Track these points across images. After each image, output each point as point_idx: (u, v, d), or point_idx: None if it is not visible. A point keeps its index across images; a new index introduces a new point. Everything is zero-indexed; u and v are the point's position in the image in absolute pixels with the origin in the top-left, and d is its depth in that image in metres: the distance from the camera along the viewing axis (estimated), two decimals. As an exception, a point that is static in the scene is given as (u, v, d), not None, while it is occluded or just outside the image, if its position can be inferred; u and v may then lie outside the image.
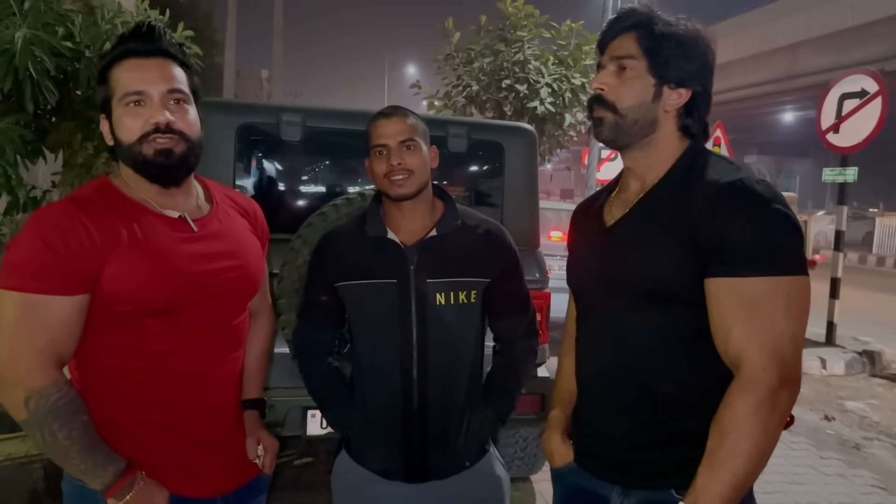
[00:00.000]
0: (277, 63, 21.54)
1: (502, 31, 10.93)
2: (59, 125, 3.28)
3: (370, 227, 1.79)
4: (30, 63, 2.67)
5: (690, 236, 1.30)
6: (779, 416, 1.22)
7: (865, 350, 7.20)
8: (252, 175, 3.41)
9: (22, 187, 3.17)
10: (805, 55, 23.65)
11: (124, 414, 1.43)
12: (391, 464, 1.80)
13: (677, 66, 1.39)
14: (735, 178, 1.29)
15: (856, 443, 4.91)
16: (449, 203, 1.85)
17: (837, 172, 7.39)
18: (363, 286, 1.77)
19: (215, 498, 1.55)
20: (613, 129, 1.42)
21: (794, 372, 1.24)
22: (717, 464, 1.22)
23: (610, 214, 1.52)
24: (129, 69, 1.40)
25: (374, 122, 1.76)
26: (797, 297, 1.24)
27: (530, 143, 3.38)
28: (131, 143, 1.40)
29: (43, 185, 3.60)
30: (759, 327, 1.23)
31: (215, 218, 1.57)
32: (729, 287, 1.26)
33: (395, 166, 1.69)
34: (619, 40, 1.43)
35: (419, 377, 1.75)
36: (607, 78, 1.42)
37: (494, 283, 1.82)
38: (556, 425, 1.65)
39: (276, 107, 3.21)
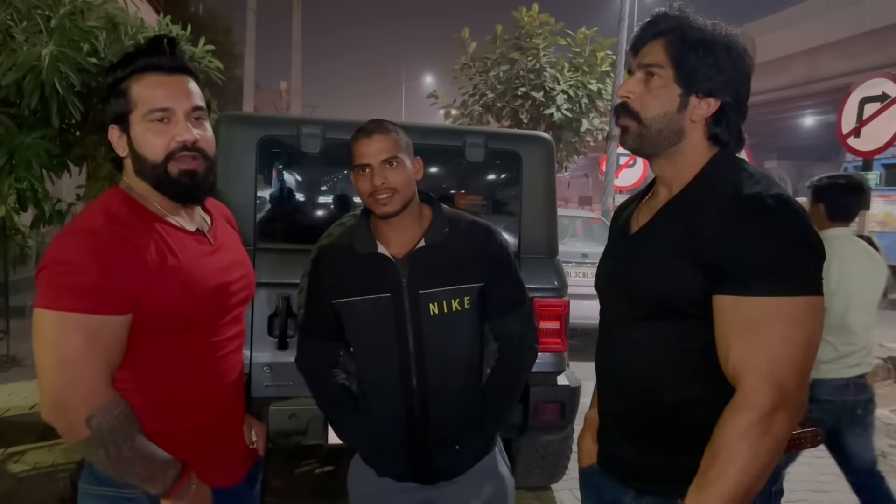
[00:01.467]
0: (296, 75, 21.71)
1: (518, 39, 10.97)
2: (83, 139, 3.34)
3: (360, 244, 1.79)
4: (56, 79, 2.73)
5: (699, 251, 1.28)
6: (773, 439, 1.19)
7: (891, 356, 7.09)
8: (273, 187, 3.45)
9: (48, 200, 3.24)
10: (824, 59, 23.44)
11: (161, 423, 1.44)
12: (400, 469, 1.84)
13: (706, 76, 1.34)
14: (751, 192, 1.25)
15: (882, 451, 4.83)
16: (436, 209, 1.84)
17: (859, 177, 7.31)
18: (359, 302, 1.78)
19: (237, 486, 1.63)
20: (637, 138, 1.40)
21: (793, 395, 1.20)
22: (706, 483, 1.22)
23: (636, 221, 1.51)
24: (153, 85, 1.40)
25: (355, 139, 1.75)
26: (802, 320, 1.21)
27: (547, 151, 3.38)
28: (157, 161, 1.40)
29: (68, 197, 3.66)
30: (757, 348, 1.21)
31: (219, 230, 1.62)
32: (731, 305, 1.24)
33: (378, 186, 1.69)
34: (648, 46, 1.40)
35: (419, 386, 1.77)
36: (634, 86, 1.40)
37: (488, 285, 1.82)
38: (588, 426, 1.67)
39: (296, 119, 3.25)
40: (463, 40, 11.45)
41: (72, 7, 2.92)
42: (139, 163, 1.42)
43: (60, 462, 3.42)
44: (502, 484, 1.93)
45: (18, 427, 3.89)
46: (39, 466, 3.37)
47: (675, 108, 1.37)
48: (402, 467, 1.83)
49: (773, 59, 25.72)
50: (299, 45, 21.20)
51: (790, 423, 1.21)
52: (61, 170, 3.23)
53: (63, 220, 3.44)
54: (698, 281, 1.28)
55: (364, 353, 1.84)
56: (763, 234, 1.21)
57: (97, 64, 2.93)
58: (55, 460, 3.44)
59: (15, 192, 3.00)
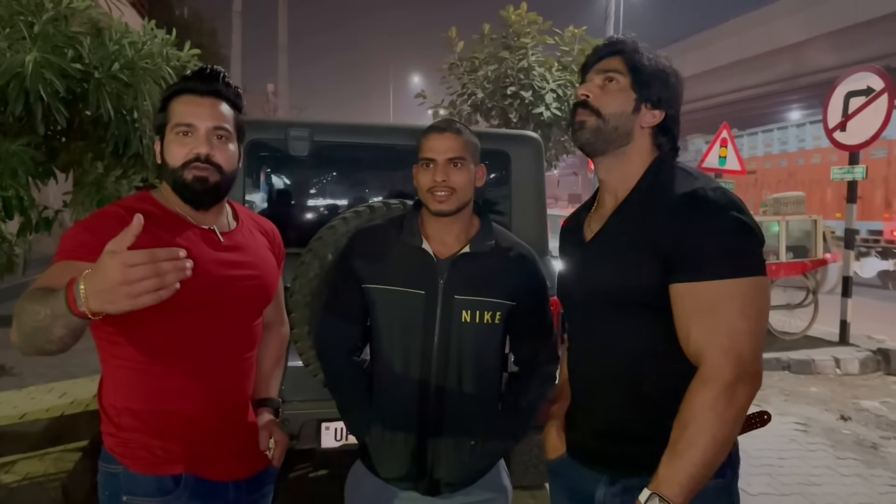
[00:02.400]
0: (283, 77, 21.68)
1: (506, 38, 10.96)
2: (69, 145, 3.31)
3: (407, 235, 1.81)
4: (40, 85, 2.70)
5: (655, 247, 1.40)
6: (736, 409, 1.31)
7: (880, 348, 7.15)
8: (261, 190, 3.44)
9: (34, 208, 3.21)
10: (809, 54, 23.61)
11: (145, 403, 1.57)
12: (404, 473, 1.81)
13: (656, 89, 1.53)
14: (691, 188, 1.40)
15: (873, 442, 4.88)
16: (485, 221, 1.87)
17: (846, 171, 7.36)
18: (391, 293, 1.78)
19: (228, 483, 1.67)
20: (594, 132, 1.52)
21: (751, 367, 1.33)
22: (677, 454, 1.32)
23: (589, 229, 1.62)
24: (184, 104, 1.61)
25: (426, 134, 1.79)
26: (753, 298, 1.33)
27: (536, 151, 3.39)
28: (175, 167, 1.59)
29: (55, 205, 3.63)
30: (717, 327, 1.33)
31: (239, 233, 1.76)
32: (688, 291, 1.36)
33: (438, 182, 1.72)
34: (606, 61, 1.56)
35: (436, 390, 1.76)
36: (593, 88, 1.55)
37: (519, 307, 1.82)
38: (554, 421, 1.75)
39: (283, 122, 3.24)
40: (450, 39, 11.43)
41: (55, 13, 2.88)
42: (164, 167, 1.63)
43: (51, 472, 3.39)
44: (504, 496, 1.93)
45: (9, 437, 3.86)
46: (30, 476, 3.34)
47: (630, 110, 1.52)
48: (407, 472, 1.81)
49: (758, 55, 25.91)
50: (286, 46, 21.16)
51: (750, 393, 1.33)
52: (47, 177, 3.20)
53: (50, 228, 3.41)
54: (657, 274, 1.40)
55: (386, 348, 1.82)
56: (710, 224, 1.35)
57: (82, 70, 2.91)
58: (46, 470, 3.41)
59: (0, 200, 2.97)
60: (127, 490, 1.56)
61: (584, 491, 1.60)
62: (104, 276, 1.11)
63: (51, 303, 1.21)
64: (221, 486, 1.66)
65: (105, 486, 1.60)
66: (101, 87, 2.99)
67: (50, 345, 1.27)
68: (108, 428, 1.60)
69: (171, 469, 1.58)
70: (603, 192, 1.62)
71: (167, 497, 1.56)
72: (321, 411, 2.87)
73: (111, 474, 1.58)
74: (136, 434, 1.57)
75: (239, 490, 1.70)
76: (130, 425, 1.57)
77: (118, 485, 1.57)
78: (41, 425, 4.06)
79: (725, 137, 8.30)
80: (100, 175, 3.47)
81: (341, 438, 2.96)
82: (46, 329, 1.23)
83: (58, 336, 1.24)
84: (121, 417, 1.57)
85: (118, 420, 1.58)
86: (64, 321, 1.20)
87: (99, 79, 2.99)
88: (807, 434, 5.01)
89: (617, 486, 1.53)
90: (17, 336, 1.31)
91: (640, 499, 1.35)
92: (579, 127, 1.54)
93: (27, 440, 3.79)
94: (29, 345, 1.29)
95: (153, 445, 1.57)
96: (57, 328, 1.22)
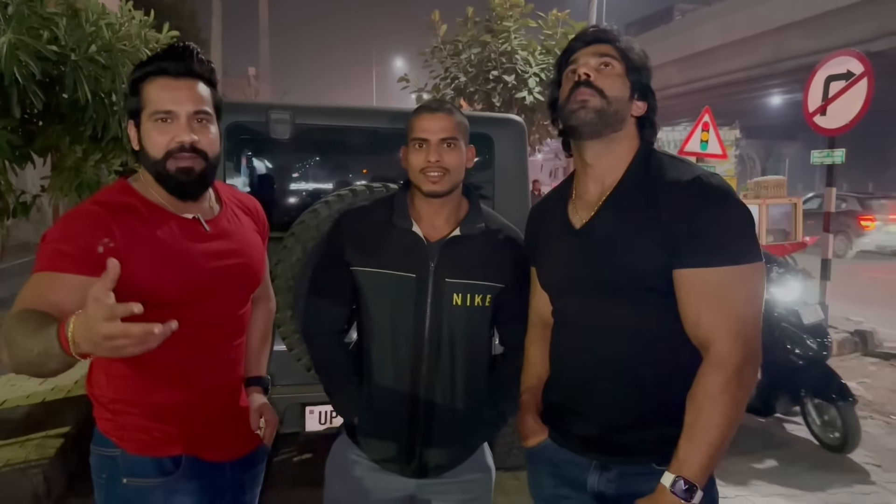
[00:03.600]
0: (264, 61, 21.45)
1: (489, 22, 10.91)
2: (46, 129, 3.26)
3: (397, 217, 1.78)
4: (15, 68, 2.65)
5: (662, 232, 1.42)
6: (745, 390, 1.37)
7: (857, 329, 7.26)
8: (242, 174, 3.41)
9: (11, 192, 3.17)
10: (791, 38, 23.72)
11: (141, 394, 1.56)
12: (391, 456, 1.81)
13: (644, 80, 1.56)
14: (693, 175, 1.43)
15: (850, 422, 4.95)
16: (473, 202, 1.85)
17: (825, 154, 7.42)
18: (381, 275, 1.76)
19: (224, 462, 1.68)
20: (598, 112, 1.49)
21: (755, 349, 1.39)
22: (696, 436, 1.36)
23: (577, 216, 1.61)
24: (160, 88, 1.52)
25: (417, 114, 1.76)
26: (756, 283, 1.39)
27: (520, 134, 3.39)
28: (157, 157, 1.52)
29: (32, 189, 3.58)
30: (726, 313, 1.37)
31: (224, 218, 1.70)
32: (697, 277, 1.39)
33: (432, 163, 1.69)
34: (597, 46, 1.55)
35: (427, 373, 1.76)
36: (592, 69, 1.52)
37: (508, 289, 1.82)
38: (530, 408, 1.75)
39: (264, 105, 3.21)
40: (433, 23, 11.37)
41: (30, -7, 2.83)
42: (144, 157, 1.56)
43: (33, 458, 3.37)
44: (488, 475, 1.93)
45: (-11, 424, 3.84)
46: (11, 462, 3.32)
47: (627, 97, 1.53)
48: (393, 456, 1.81)
49: (740, 39, 25.98)
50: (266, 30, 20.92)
51: (755, 373, 1.39)
52: (24, 161, 3.15)
53: (28, 213, 3.37)
54: (662, 259, 1.42)
55: (376, 330, 1.80)
56: (718, 211, 1.39)
57: (58, 52, 2.86)
58: (27, 456, 3.39)
59: (-24, 185, 2.93)
60: (126, 472, 1.55)
61: (573, 477, 1.61)
62: (89, 327, 1.11)
63: (43, 340, 1.19)
64: (219, 466, 1.67)
65: (101, 469, 1.59)
66: (78, 69, 2.95)
67: (45, 374, 1.29)
68: (101, 413, 1.60)
69: (170, 450, 1.58)
70: (585, 179, 1.61)
71: (168, 478, 1.57)
72: (305, 395, 2.87)
73: (107, 457, 1.57)
74: (132, 418, 1.56)
75: (234, 469, 1.71)
76: (126, 411, 1.57)
77: (116, 467, 1.56)
78: (22, 412, 4.03)
79: (707, 122, 8.33)
80: (78, 159, 3.43)
81: (325, 422, 2.96)
82: (41, 364, 1.23)
83: (52, 369, 1.25)
84: (116, 405, 1.57)
85: (113, 407, 1.57)
86: (58, 359, 1.20)
87: (76, 61, 2.95)
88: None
89: (612, 472, 1.54)
90: (10, 362, 1.28)
91: (664, 483, 1.37)
92: (580, 106, 1.50)
93: (7, 427, 3.76)
94: (23, 371, 1.28)
95: (151, 428, 1.57)
96: (51, 363, 1.22)
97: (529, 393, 1.77)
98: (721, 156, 8.56)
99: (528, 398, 1.77)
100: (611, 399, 1.53)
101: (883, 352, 6.97)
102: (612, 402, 1.53)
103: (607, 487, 1.55)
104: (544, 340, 1.76)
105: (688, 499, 1.35)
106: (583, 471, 1.58)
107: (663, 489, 1.37)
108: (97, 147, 3.41)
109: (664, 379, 1.48)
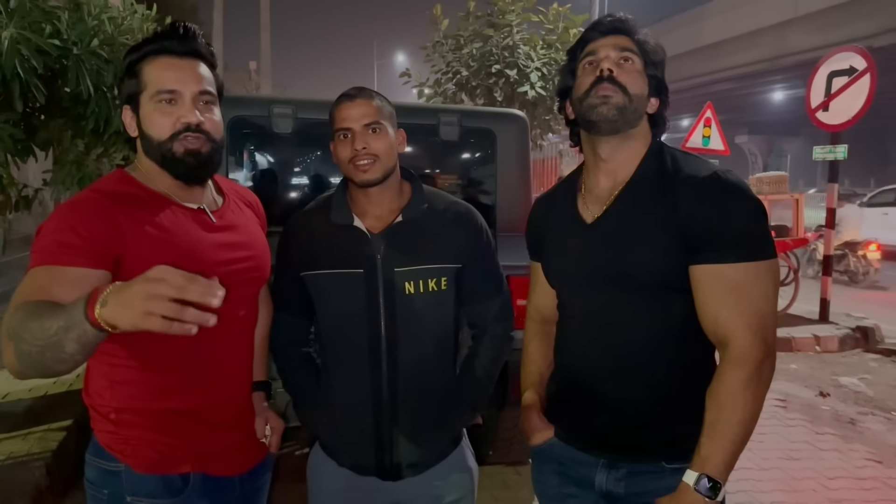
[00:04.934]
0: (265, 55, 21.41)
1: (490, 16, 10.90)
2: (48, 123, 3.26)
3: (335, 214, 1.72)
4: (17, 62, 2.65)
5: (679, 228, 1.40)
6: (765, 385, 1.37)
7: (859, 326, 7.25)
8: (244, 168, 3.41)
9: (13, 186, 3.17)
10: (793, 34, 23.63)
11: (147, 401, 1.46)
12: (363, 461, 1.75)
13: (660, 75, 1.53)
14: (710, 171, 1.42)
15: (850, 418, 4.96)
16: (416, 186, 1.78)
17: (828, 150, 7.42)
18: (328, 276, 1.71)
19: (233, 477, 1.60)
20: (620, 109, 1.46)
21: (773, 345, 1.38)
22: (718, 433, 1.35)
23: (587, 212, 1.57)
24: (163, 67, 1.44)
25: (337, 104, 1.70)
26: (772, 279, 1.39)
27: (522, 129, 3.38)
28: (162, 139, 1.44)
29: (34, 183, 3.59)
30: (745, 309, 1.36)
31: (229, 210, 1.63)
32: (715, 273, 1.38)
33: (359, 151, 1.63)
34: (616, 37, 1.49)
35: (389, 370, 1.70)
36: (614, 64, 1.47)
37: (466, 267, 1.75)
38: (534, 406, 1.71)
39: (267, 99, 3.21)
40: (435, 17, 11.35)
41: (32, -13, 2.83)
42: (146, 142, 1.47)
43: (35, 451, 3.38)
44: (469, 476, 1.86)
45: (-9, 417, 3.85)
46: (14, 455, 3.32)
47: (646, 94, 1.50)
48: (365, 459, 1.75)
49: (743, 34, 25.88)
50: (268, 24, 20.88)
51: (773, 369, 1.38)
52: (26, 155, 3.15)
53: (30, 206, 3.37)
54: (679, 255, 1.41)
55: (331, 332, 1.75)
56: (736, 207, 1.37)
57: (60, 46, 2.86)
58: (30, 449, 3.39)
59: (-21, 179, 2.93)
60: (131, 490, 1.46)
61: (580, 476, 1.59)
62: (130, 285, 1.02)
63: (64, 315, 1.09)
64: (228, 481, 1.59)
65: (103, 485, 1.49)
66: (80, 63, 2.95)
67: (59, 364, 1.13)
68: (102, 425, 1.49)
69: (179, 468, 1.49)
70: (596, 173, 1.57)
71: (176, 498, 1.48)
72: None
73: (110, 472, 1.47)
74: (137, 430, 1.46)
75: (243, 483, 1.64)
76: (132, 422, 1.46)
77: (120, 483, 1.46)
78: (24, 405, 4.04)
79: (709, 117, 8.32)
80: (80, 153, 3.43)
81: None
82: (57, 345, 1.10)
83: (69, 353, 1.10)
84: (120, 415, 1.46)
85: (116, 418, 1.46)
86: (77, 333, 1.07)
87: (78, 55, 2.94)
88: (786, 410, 5.09)
89: (621, 471, 1.52)
90: (17, 359, 1.14)
91: (687, 481, 1.36)
92: (602, 101, 1.45)
93: (10, 420, 3.77)
94: (33, 367, 1.14)
95: (158, 442, 1.47)
96: (69, 343, 1.09)
97: (533, 390, 1.74)
98: (724, 152, 8.55)
99: (531, 395, 1.73)
100: (620, 396, 1.51)
101: (885, 348, 6.96)
102: (621, 399, 1.51)
103: (616, 486, 1.53)
104: (545, 335, 1.75)
105: (712, 496, 1.33)
106: (590, 469, 1.56)
107: (686, 487, 1.35)
108: (99, 141, 3.41)
109: (675, 376, 1.47)
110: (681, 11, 30.45)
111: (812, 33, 22.61)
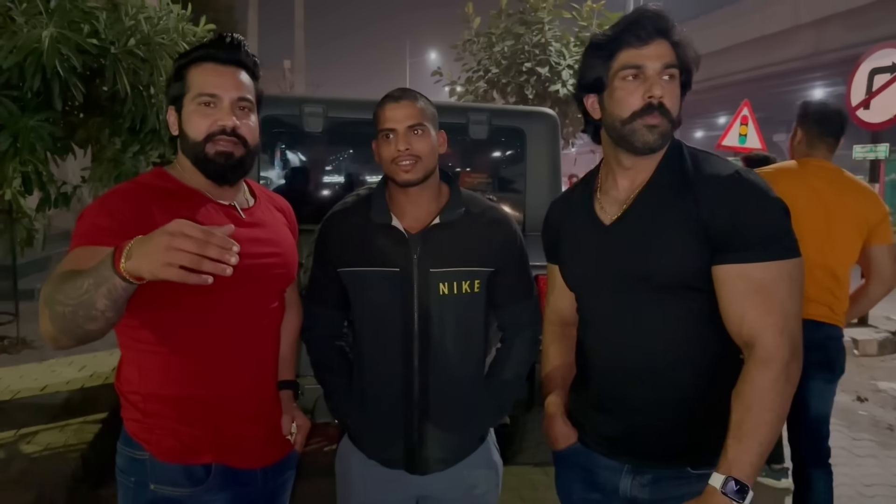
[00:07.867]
0: (299, 53, 21.63)
1: (522, 13, 10.85)
2: (86, 121, 3.34)
3: (375, 213, 1.75)
4: (57, 61, 2.71)
5: (703, 228, 1.38)
6: (792, 386, 1.34)
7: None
8: (276, 166, 3.44)
9: (53, 183, 3.24)
10: (833, 30, 23.13)
11: (171, 389, 1.52)
12: (392, 454, 1.79)
13: (689, 81, 1.49)
14: (731, 170, 1.40)
15: (889, 423, 4.85)
16: (454, 188, 1.81)
17: (868, 149, 7.25)
18: (365, 273, 1.75)
19: (256, 470, 1.64)
20: (664, 136, 1.44)
21: (800, 344, 1.36)
22: (745, 435, 1.32)
23: (604, 213, 1.56)
24: (206, 72, 1.54)
25: (382, 104, 1.73)
26: (797, 278, 1.37)
27: (552, 128, 3.36)
28: (198, 139, 1.52)
29: (73, 180, 3.67)
30: (771, 309, 1.34)
31: (259, 210, 1.70)
32: (740, 273, 1.36)
33: (402, 151, 1.67)
34: (657, 45, 1.42)
35: (420, 367, 1.73)
36: (664, 89, 1.42)
37: (499, 272, 1.79)
38: (557, 410, 1.70)
39: (298, 98, 3.24)
40: (467, 15, 11.34)
41: (71, -13, 2.89)
42: (184, 140, 1.56)
43: (72, 442, 3.46)
44: (495, 472, 1.90)
45: (30, 409, 3.94)
46: (52, 447, 3.40)
47: (680, 107, 1.47)
48: (394, 452, 1.79)
49: (780, 31, 25.41)
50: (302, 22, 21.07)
51: (800, 369, 1.36)
52: (65, 152, 3.23)
53: (69, 203, 3.44)
54: (701, 255, 1.39)
55: (366, 328, 1.79)
56: (759, 206, 1.36)
57: (98, 45, 2.92)
58: (67, 441, 3.47)
59: (20, 176, 3.00)
60: (154, 478, 1.51)
61: (603, 481, 1.57)
62: (151, 237, 1.10)
63: (93, 272, 1.16)
64: (251, 473, 1.62)
65: (129, 472, 1.54)
66: (117, 62, 3.01)
67: (91, 322, 1.19)
68: (131, 413, 1.55)
69: (200, 458, 1.53)
70: (614, 174, 1.55)
71: (197, 488, 1.52)
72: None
73: (136, 460, 1.52)
74: (162, 420, 1.51)
75: (265, 477, 1.67)
76: (157, 411, 1.51)
77: (144, 471, 1.51)
78: (62, 397, 4.14)
79: (746, 115, 8.18)
80: (117, 151, 3.49)
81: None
82: (89, 302, 1.17)
83: (100, 309, 1.17)
84: (146, 404, 1.52)
85: (143, 406, 1.52)
86: (107, 287, 1.14)
87: (115, 54, 3.00)
88: (822, 415, 4.99)
89: (646, 476, 1.50)
90: (52, 322, 1.21)
91: (714, 484, 1.32)
92: (650, 131, 1.42)
93: (48, 412, 3.86)
94: (67, 328, 1.21)
95: (181, 432, 1.52)
96: (100, 298, 1.16)
97: (555, 394, 1.72)
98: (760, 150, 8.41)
99: (554, 399, 1.71)
100: (644, 399, 1.49)
101: (925, 353, 6.79)
102: (645, 403, 1.49)
103: (641, 492, 1.51)
104: (565, 339, 1.74)
105: (739, 500, 1.30)
106: (614, 475, 1.54)
107: (713, 491, 1.32)
108: (136, 139, 3.48)
109: (699, 379, 1.45)
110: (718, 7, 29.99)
111: (852, 29, 22.11)
